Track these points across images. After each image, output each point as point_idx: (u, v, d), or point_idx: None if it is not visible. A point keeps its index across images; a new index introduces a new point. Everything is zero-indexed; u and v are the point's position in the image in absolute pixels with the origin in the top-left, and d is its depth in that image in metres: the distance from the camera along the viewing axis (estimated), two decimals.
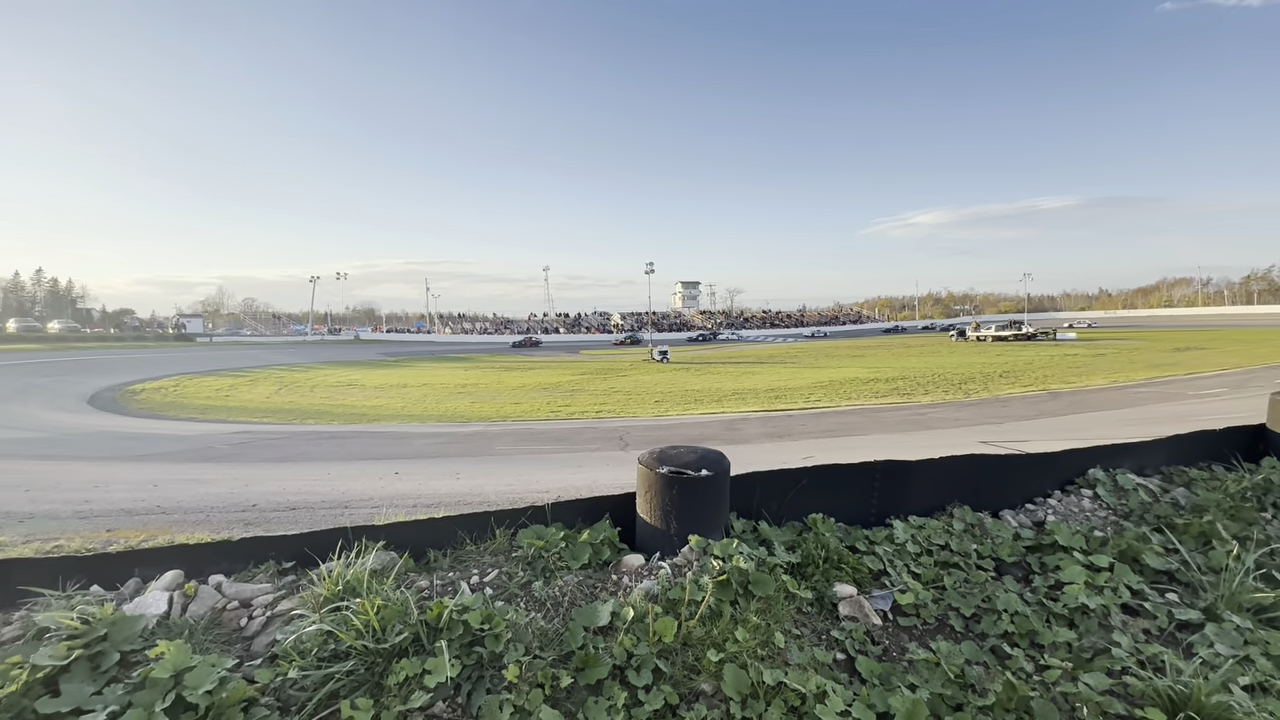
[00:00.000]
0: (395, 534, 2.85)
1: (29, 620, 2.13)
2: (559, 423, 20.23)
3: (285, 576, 2.61)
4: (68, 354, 47.65)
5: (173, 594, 2.32)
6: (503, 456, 13.95)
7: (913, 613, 2.77)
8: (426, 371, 44.90)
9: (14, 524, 7.45)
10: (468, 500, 8.79)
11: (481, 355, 65.06)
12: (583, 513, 3.20)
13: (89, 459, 13.62)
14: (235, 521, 7.93)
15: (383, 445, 15.98)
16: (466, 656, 2.10)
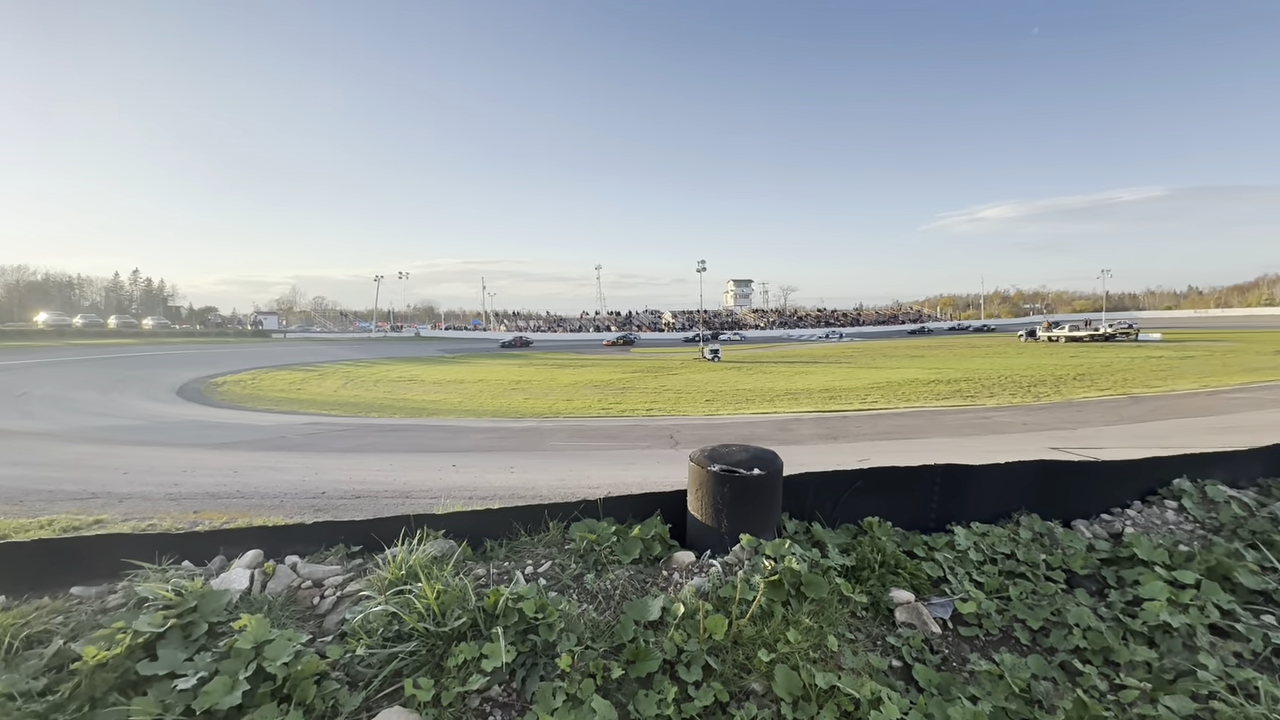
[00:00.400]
0: (454, 523, 2.96)
1: (130, 590, 2.33)
2: (610, 420, 20.41)
3: (353, 560, 2.76)
4: (159, 348, 51.55)
5: (253, 572, 2.50)
6: (555, 452, 14.18)
7: (975, 622, 2.67)
8: (482, 368, 46.17)
9: (114, 503, 8.15)
10: (521, 494, 8.99)
11: (535, 353, 66.32)
12: (634, 508, 3.23)
13: (177, 445, 14.69)
14: (306, 507, 8.39)
15: (441, 439, 16.53)
16: (521, 643, 2.16)
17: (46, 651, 1.93)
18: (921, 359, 44.69)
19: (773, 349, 68.20)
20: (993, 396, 23.19)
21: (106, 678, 1.86)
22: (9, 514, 7.26)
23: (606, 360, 53.42)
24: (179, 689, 1.85)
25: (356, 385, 34.60)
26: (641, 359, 54.22)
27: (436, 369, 44.93)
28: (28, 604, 2.25)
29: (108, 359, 40.35)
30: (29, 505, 7.93)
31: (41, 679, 1.82)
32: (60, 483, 9.36)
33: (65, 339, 54.14)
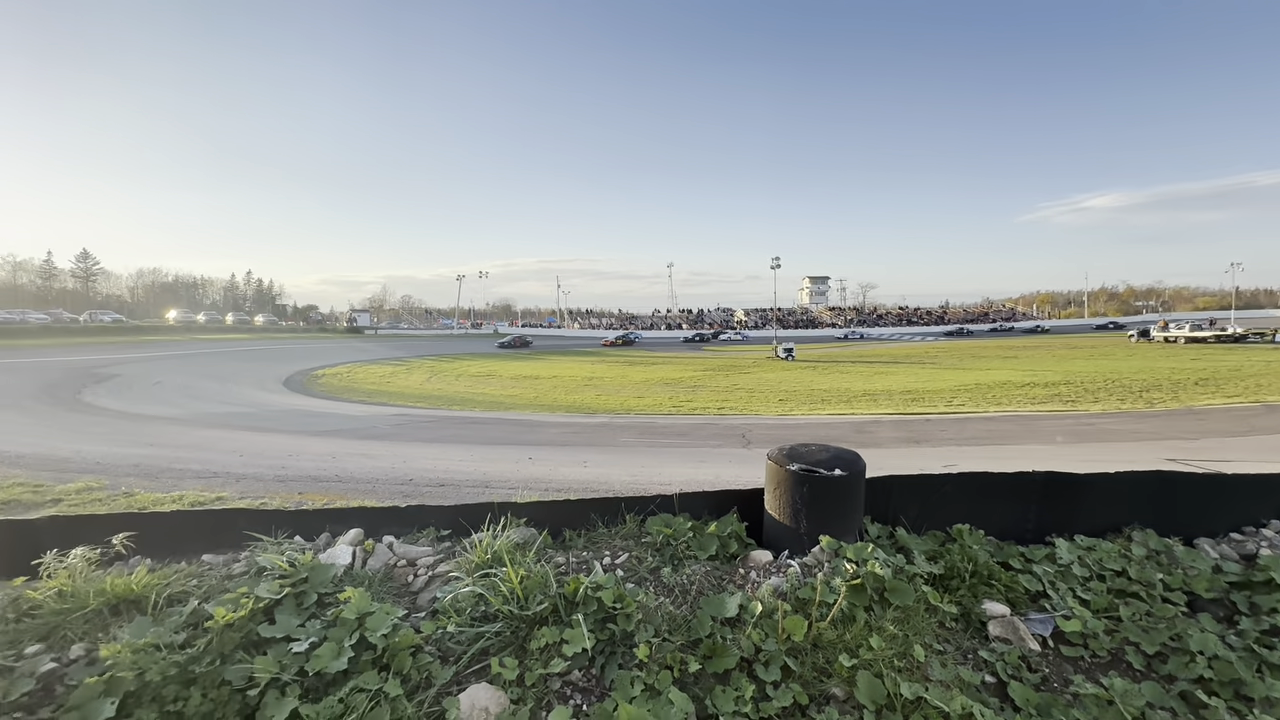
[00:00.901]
0: (535, 512, 3.07)
1: (252, 560, 2.58)
2: (681, 418, 20.40)
3: (442, 542, 2.92)
4: (268, 343, 56.27)
5: (355, 549, 2.69)
6: (627, 448, 14.35)
7: (1079, 642, 2.47)
8: (556, 364, 47.34)
9: (232, 482, 9.01)
10: (594, 487, 9.19)
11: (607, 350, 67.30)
12: (709, 505, 3.22)
13: (283, 432, 16.01)
14: (396, 493, 8.94)
15: (517, 432, 17.11)
16: (600, 631, 2.21)
17: (184, 610, 2.17)
18: (1014, 360, 41.77)
19: (850, 348, 65.85)
20: (1097, 401, 21.35)
21: (233, 636, 2.06)
22: (147, 488, 8.17)
23: (678, 359, 53.40)
24: (294, 651, 2.02)
25: (440, 379, 36.36)
26: (713, 357, 53.82)
27: (513, 364, 46.49)
28: (168, 567, 2.53)
29: (225, 353, 44.48)
30: (162, 481, 8.89)
31: (181, 633, 2.05)
32: (187, 463, 10.42)
33: (191, 334, 60.21)
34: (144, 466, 9.82)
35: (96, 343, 45.93)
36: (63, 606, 2.18)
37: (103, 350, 40.29)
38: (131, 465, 9.83)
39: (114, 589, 2.25)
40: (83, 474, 9.09)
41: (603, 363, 48.59)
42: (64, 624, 2.15)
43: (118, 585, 2.27)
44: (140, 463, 10.08)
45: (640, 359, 52.47)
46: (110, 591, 2.24)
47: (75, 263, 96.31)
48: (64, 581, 2.27)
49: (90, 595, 2.20)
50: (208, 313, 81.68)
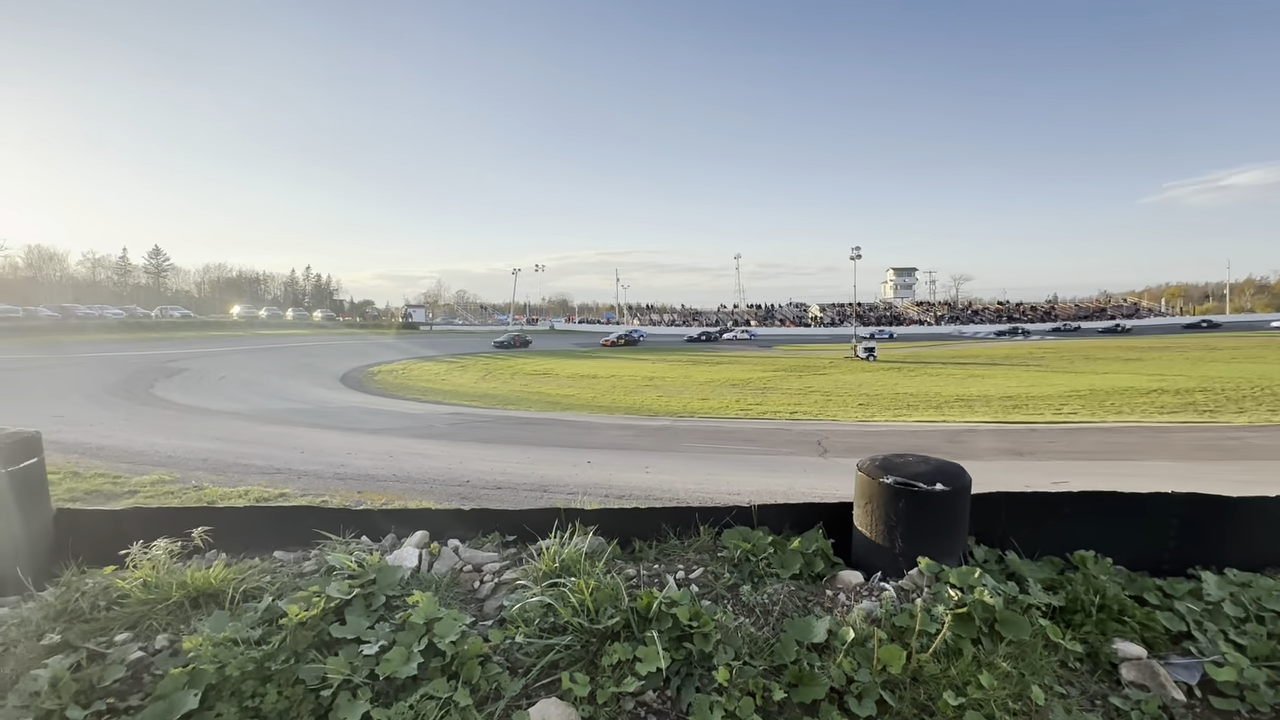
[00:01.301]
0: (603, 520, 3.10)
1: (321, 558, 2.73)
2: (750, 422, 20.18)
3: (508, 548, 2.99)
4: (325, 339, 59.61)
5: (421, 552, 2.81)
6: (691, 453, 14.34)
7: (1234, 694, 2.27)
8: (614, 363, 47.79)
9: (294, 479, 9.61)
10: (657, 495, 9.23)
11: (668, 348, 67.38)
12: (791, 518, 3.16)
13: (341, 429, 16.92)
14: (453, 495, 9.30)
15: (574, 434, 17.40)
16: (675, 650, 2.21)
17: (259, 606, 2.32)
18: (1138, 362, 38.88)
19: (940, 347, 63.16)
20: (1243, 412, 19.56)
21: (306, 635, 2.19)
22: (215, 483, 8.84)
23: (745, 358, 52.84)
24: (364, 654, 2.13)
25: (494, 378, 37.42)
26: (784, 357, 52.92)
27: (570, 363, 47.29)
28: (243, 562, 2.72)
29: (285, 348, 47.41)
30: (229, 476, 9.59)
31: (257, 629, 2.19)
32: (251, 458, 11.19)
33: (253, 329, 64.62)
34: (211, 461, 10.62)
35: (166, 338, 50.03)
36: (148, 597, 2.38)
37: (172, 345, 43.83)
38: (200, 460, 10.64)
39: (194, 582, 2.44)
40: (156, 467, 9.93)
41: (663, 362, 48.67)
42: (149, 614, 2.35)
43: (197, 578, 2.45)
44: (208, 457, 10.90)
45: (704, 358, 52.23)
46: (191, 584, 2.42)
47: (148, 259, 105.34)
48: (148, 572, 2.48)
49: (173, 587, 2.39)
50: (269, 308, 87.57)
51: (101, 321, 57.24)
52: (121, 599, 2.41)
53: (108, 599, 2.41)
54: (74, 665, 2.07)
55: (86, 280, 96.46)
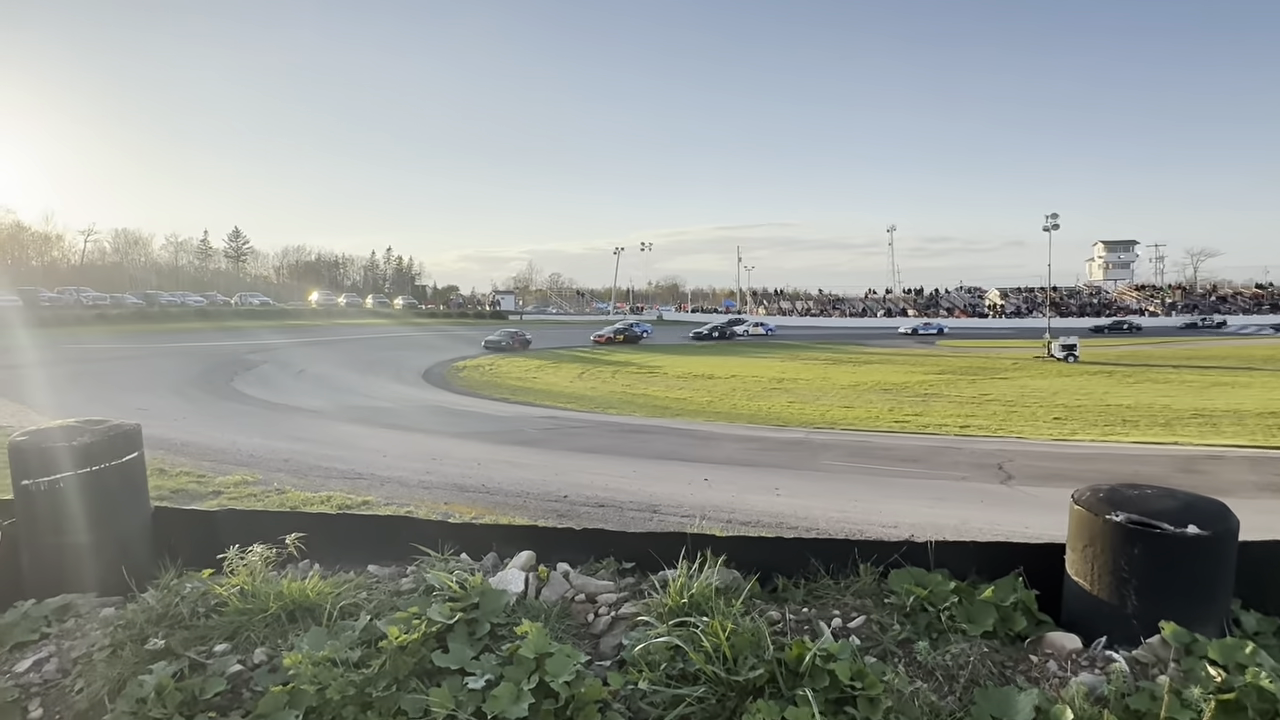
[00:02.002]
0: (738, 550, 3.08)
1: (419, 576, 2.92)
2: (907, 437, 19.39)
3: (625, 577, 3.05)
4: (407, 329, 63.89)
5: (528, 575, 2.92)
6: (832, 473, 14.03)
7: None
8: (736, 360, 47.52)
9: (377, 485, 10.42)
10: (791, 523, 9.12)
11: (800, 342, 66.00)
12: (978, 560, 3.00)
13: (425, 431, 18.08)
14: (549, 511, 9.68)
15: (688, 445, 17.50)
16: (834, 716, 2.15)
17: (357, 625, 2.52)
18: None
19: (1171, 344, 57.39)
20: None
21: (407, 661, 2.35)
22: (297, 486, 9.77)
23: (902, 356, 50.79)
24: (469, 687, 2.24)
25: (593, 376, 38.38)
26: (953, 356, 50.31)
27: (682, 360, 47.60)
28: (338, 575, 2.97)
29: (364, 339, 51.24)
30: (310, 480, 10.55)
31: (356, 650, 2.38)
32: (332, 461, 12.24)
33: (331, 318, 70.52)
34: (293, 462, 11.70)
35: (245, 327, 55.68)
36: (245, 607, 2.66)
37: (251, 335, 48.72)
38: (281, 460, 11.76)
39: (290, 593, 2.69)
40: (238, 466, 11.10)
41: (796, 360, 47.79)
42: (246, 625, 2.62)
43: (294, 590, 2.70)
44: (290, 458, 12.02)
45: (847, 356, 50.73)
46: (287, 596, 2.68)
47: (228, 241, 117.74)
48: (245, 580, 2.76)
49: (270, 598, 2.65)
50: (348, 295, 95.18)
51: (183, 309, 64.91)
52: (219, 606, 2.70)
53: (206, 605, 2.71)
54: (176, 674, 2.34)
55: (169, 265, 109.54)
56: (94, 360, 31.32)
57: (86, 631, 2.67)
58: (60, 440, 3.03)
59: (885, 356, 50.67)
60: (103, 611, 2.83)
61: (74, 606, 2.88)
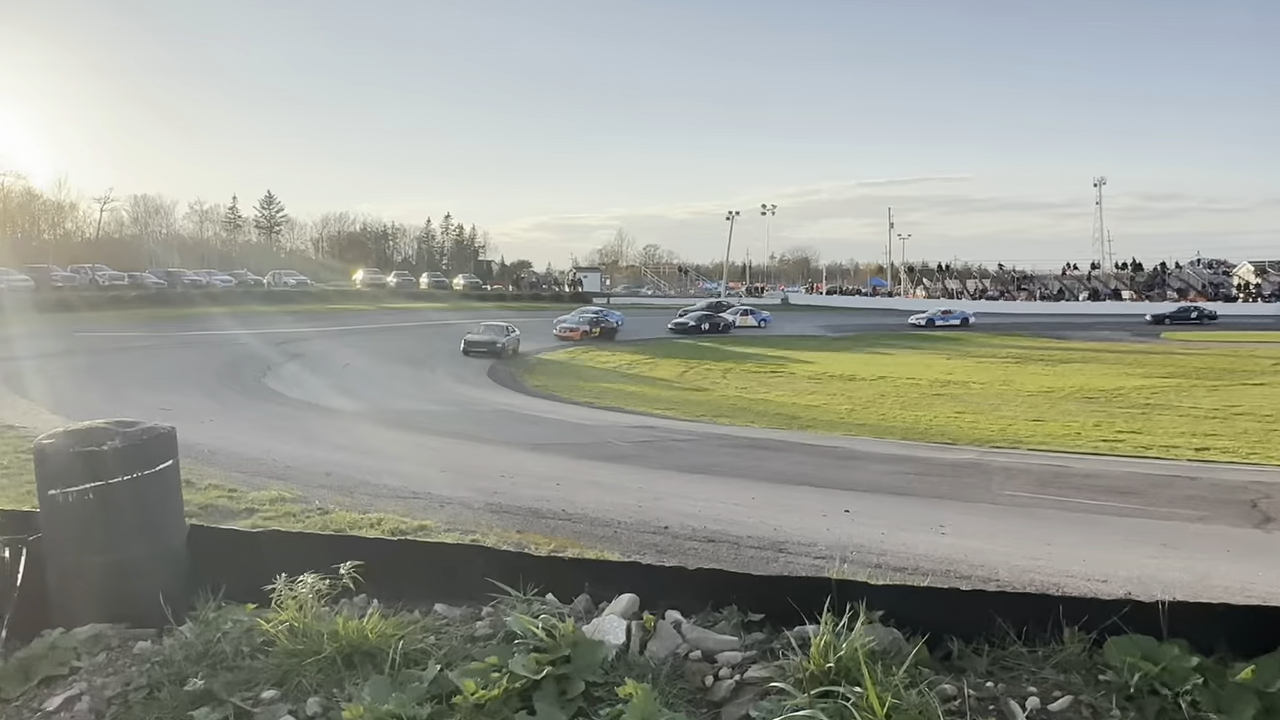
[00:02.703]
0: (897, 603, 3.04)
1: (497, 619, 3.03)
2: (1120, 461, 18.51)
3: (752, 631, 3.06)
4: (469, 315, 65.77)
5: (630, 624, 2.98)
6: (1015, 507, 13.60)
7: None
8: (887, 357, 46.61)
9: (436, 507, 10.84)
10: (961, 571, 8.92)
11: (976, 335, 63.94)
12: (1230, 629, 2.85)
13: (492, 442, 18.65)
14: (646, 545, 9.82)
15: (822, 466, 17.30)
16: None
17: (425, 676, 2.65)
18: None
19: None
20: None
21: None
22: (342, 505, 10.30)
23: (1111, 353, 48.45)
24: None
25: (699, 374, 38.53)
26: (1185, 353, 47.57)
27: (814, 356, 47.07)
28: (400, 615, 3.12)
29: (419, 327, 53.30)
30: (357, 498, 11.10)
31: (425, 705, 2.50)
32: (381, 475, 12.82)
33: (379, 301, 73.56)
34: (336, 476, 12.34)
35: (280, 311, 58.92)
36: (295, 647, 2.83)
37: (286, 321, 51.53)
38: (323, 474, 12.42)
39: (347, 634, 2.85)
40: (273, 480, 11.81)
41: (967, 357, 46.40)
42: (297, 668, 2.79)
43: (350, 630, 2.86)
44: (332, 471, 12.68)
45: (1037, 352, 48.83)
46: (343, 636, 2.83)
47: (259, 209, 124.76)
48: (294, 615, 2.95)
49: (323, 638, 2.82)
50: (398, 273, 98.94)
51: (209, 291, 69.36)
52: (266, 645, 2.89)
53: (251, 644, 2.90)
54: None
55: (194, 238, 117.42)
56: (110, 350, 33.99)
57: (120, 668, 2.92)
58: (90, 444, 3.31)
59: (1090, 353, 48.45)
60: (137, 645, 3.08)
61: (105, 638, 3.15)
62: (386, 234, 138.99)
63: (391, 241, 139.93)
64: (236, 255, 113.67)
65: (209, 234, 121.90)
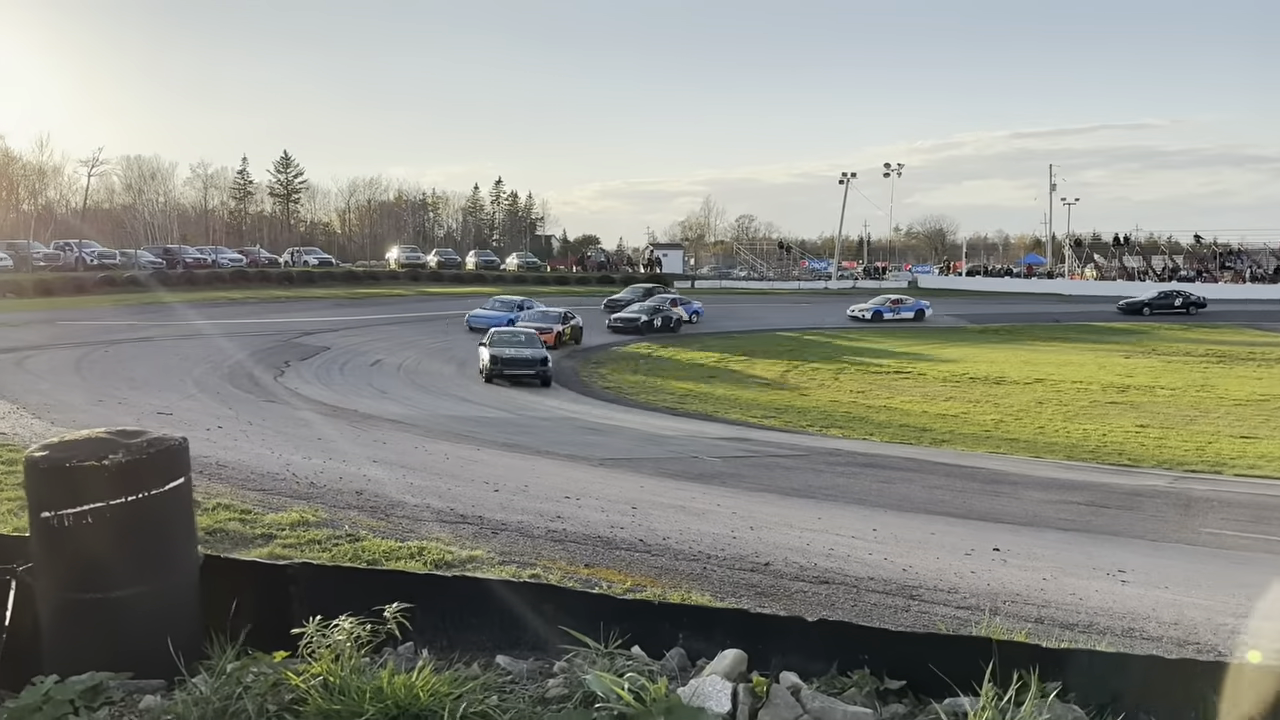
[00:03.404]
0: (1077, 671, 2.95)
1: (574, 677, 3.02)
2: None
3: (889, 703, 3.00)
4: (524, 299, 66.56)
5: (736, 687, 2.94)
6: (1217, 550, 13.32)
7: None
8: (1045, 354, 45.55)
9: (488, 535, 10.93)
10: (1150, 631, 8.71)
11: (1162, 326, 62.01)
12: None
13: (552, 456, 18.78)
14: (742, 585, 9.74)
15: (963, 492, 17.02)
16: None
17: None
18: None
19: None
20: None
21: None
22: (376, 531, 10.45)
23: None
24: None
25: (804, 374, 38.27)
26: None
27: (950, 352, 46.27)
28: (455, 670, 3.13)
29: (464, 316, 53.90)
30: (394, 522, 11.26)
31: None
32: (423, 493, 13.00)
33: (419, 285, 74.83)
34: (368, 495, 12.55)
35: (300, 296, 60.46)
36: (331, 707, 2.86)
37: (308, 308, 52.90)
38: (353, 492, 12.64)
39: (392, 692, 2.86)
40: (295, 499, 12.05)
41: (1152, 353, 45.11)
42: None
43: (397, 687, 2.88)
44: (364, 489, 12.91)
45: (1247, 349, 47.06)
46: (389, 695, 2.85)
47: (274, 174, 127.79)
48: (329, 667, 2.98)
49: (365, 696, 2.84)
50: (440, 250, 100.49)
51: (215, 272, 71.41)
52: (295, 704, 2.93)
53: (278, 701, 2.95)
54: None
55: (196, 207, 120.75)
56: (99, 342, 35.13)
57: None
58: (89, 458, 3.39)
59: None
60: (143, 700, 3.16)
61: (106, 689, 3.24)
62: (426, 204, 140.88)
63: (432, 213, 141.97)
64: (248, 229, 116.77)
65: (215, 203, 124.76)
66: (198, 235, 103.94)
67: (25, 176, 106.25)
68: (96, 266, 67.71)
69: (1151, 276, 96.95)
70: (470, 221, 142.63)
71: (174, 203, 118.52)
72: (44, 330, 36.93)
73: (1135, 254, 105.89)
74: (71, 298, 51.84)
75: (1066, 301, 79.51)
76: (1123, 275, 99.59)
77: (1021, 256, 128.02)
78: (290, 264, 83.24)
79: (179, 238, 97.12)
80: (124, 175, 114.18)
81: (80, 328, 39.27)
